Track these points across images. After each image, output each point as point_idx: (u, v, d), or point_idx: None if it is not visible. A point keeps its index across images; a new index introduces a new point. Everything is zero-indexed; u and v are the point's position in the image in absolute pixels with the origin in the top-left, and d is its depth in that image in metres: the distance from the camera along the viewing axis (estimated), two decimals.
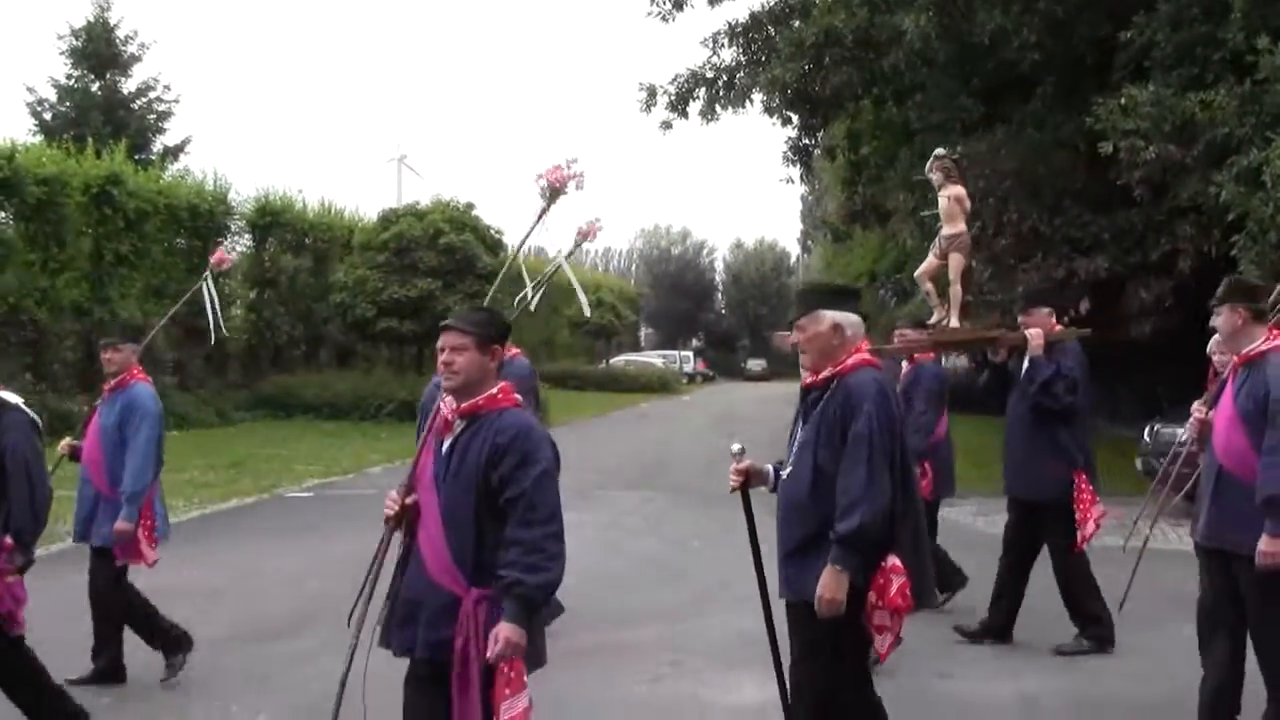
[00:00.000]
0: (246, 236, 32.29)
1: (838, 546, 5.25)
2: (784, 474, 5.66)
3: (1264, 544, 6.08)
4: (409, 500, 4.97)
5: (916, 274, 10.97)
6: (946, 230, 10.01)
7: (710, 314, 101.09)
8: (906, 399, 9.35)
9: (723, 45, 23.26)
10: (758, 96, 22.64)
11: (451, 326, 5.00)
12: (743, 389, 63.96)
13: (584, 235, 6.74)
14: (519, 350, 8.53)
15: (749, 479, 5.71)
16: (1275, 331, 6.50)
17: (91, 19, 42.16)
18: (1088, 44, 18.68)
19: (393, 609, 4.94)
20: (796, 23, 21.54)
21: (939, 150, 10.39)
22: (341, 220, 35.54)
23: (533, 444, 4.79)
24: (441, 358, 4.95)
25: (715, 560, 12.41)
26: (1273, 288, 7.01)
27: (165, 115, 42.46)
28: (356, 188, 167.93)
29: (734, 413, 39.30)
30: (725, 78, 23.12)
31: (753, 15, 23.10)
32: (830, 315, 5.59)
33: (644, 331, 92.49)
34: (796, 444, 5.63)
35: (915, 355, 10.17)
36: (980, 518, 14.76)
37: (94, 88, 41.63)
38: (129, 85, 42.34)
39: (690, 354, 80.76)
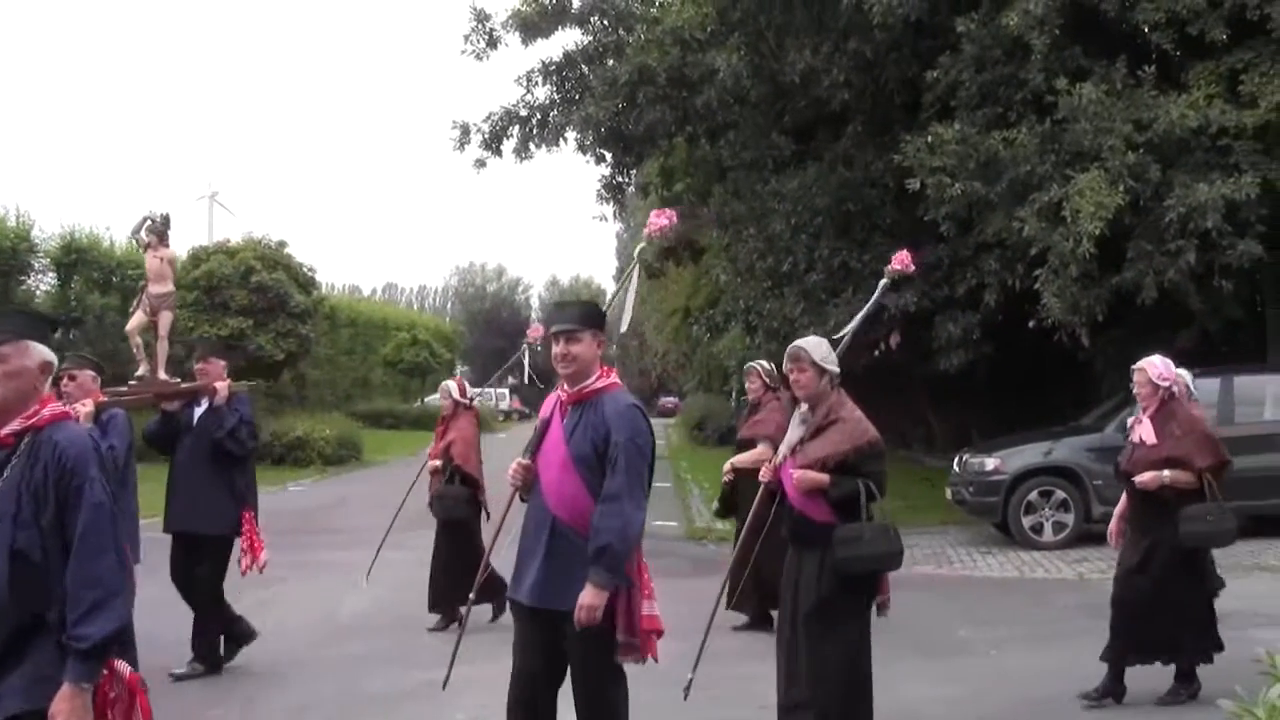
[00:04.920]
0: (51, 275, 31.28)
1: (83, 661, 4.05)
2: None
3: (586, 596, 5.43)
4: None
5: (127, 329, 11.31)
6: (155, 289, 10.57)
7: None
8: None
9: (537, 84, 23.16)
10: (571, 135, 22.63)
11: None
12: None
13: None
14: None
15: None
16: (607, 370, 5.93)
17: None
18: (896, 84, 19.08)
19: None
20: (610, 61, 21.57)
21: (151, 212, 10.77)
22: None
23: None
24: None
25: None
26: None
27: None
28: None
29: None
30: (539, 116, 23.03)
31: (566, 54, 23.06)
32: (42, 349, 4.37)
33: (460, 369, 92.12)
34: None
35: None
36: None
37: None
38: None
39: (506, 391, 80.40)
